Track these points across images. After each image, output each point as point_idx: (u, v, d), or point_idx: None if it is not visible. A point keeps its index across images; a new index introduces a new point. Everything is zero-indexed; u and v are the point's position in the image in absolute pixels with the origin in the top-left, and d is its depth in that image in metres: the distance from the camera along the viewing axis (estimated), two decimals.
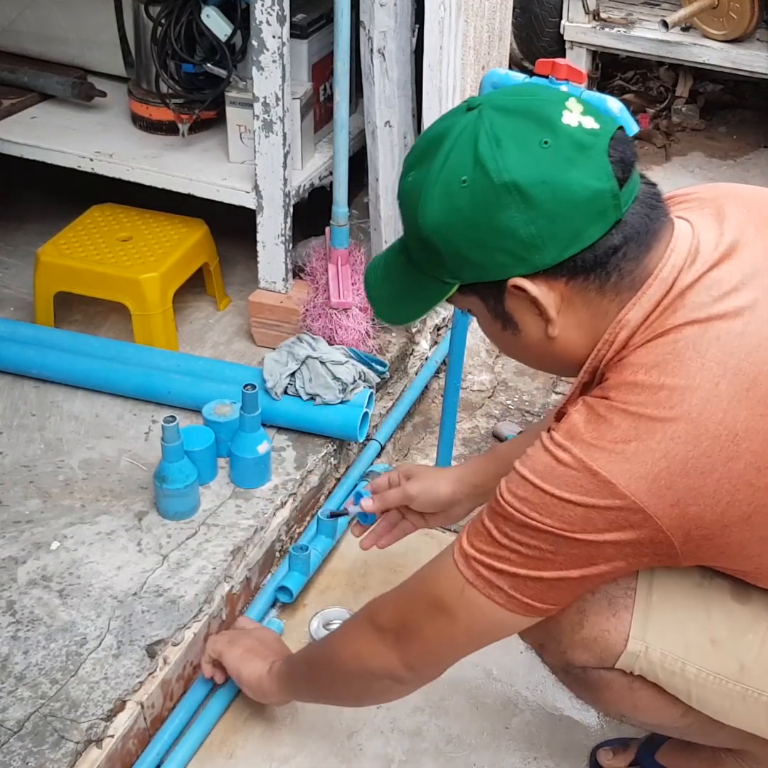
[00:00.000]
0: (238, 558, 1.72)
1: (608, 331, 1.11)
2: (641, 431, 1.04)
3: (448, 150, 1.08)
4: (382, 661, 1.29)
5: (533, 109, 1.07)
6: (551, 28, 3.53)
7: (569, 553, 1.09)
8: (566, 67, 1.59)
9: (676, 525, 1.05)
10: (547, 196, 1.04)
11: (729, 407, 1.03)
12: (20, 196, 2.72)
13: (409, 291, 1.18)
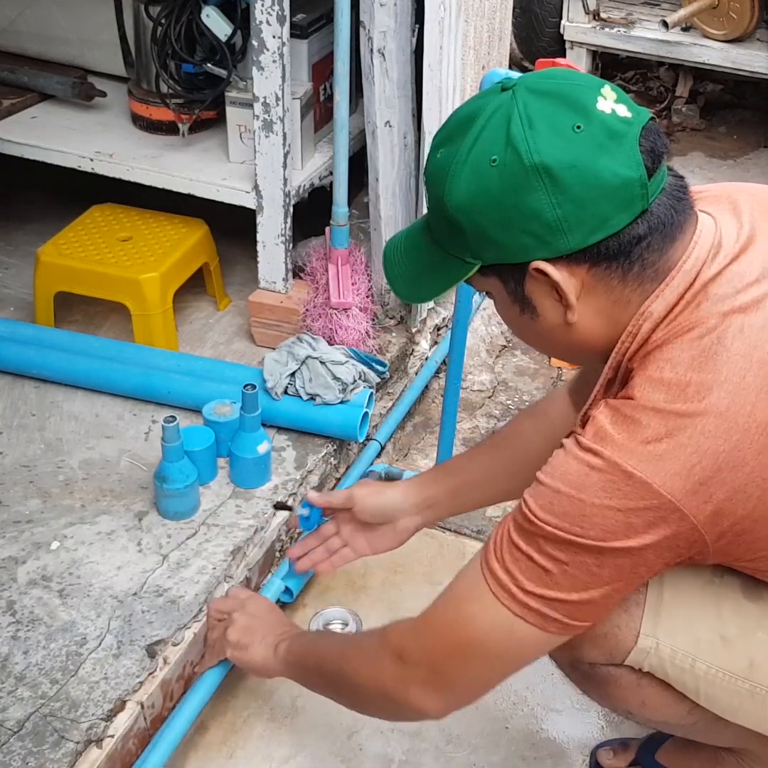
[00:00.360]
0: (238, 558, 1.72)
1: (631, 322, 1.10)
2: (671, 428, 1.03)
3: (480, 129, 1.07)
4: (410, 698, 1.23)
5: (568, 93, 1.06)
6: (551, 28, 3.53)
7: (614, 564, 1.07)
8: (566, 67, 1.59)
9: (709, 522, 1.04)
10: (576, 181, 1.03)
11: (757, 399, 1.03)
12: (20, 196, 2.72)
13: (429, 269, 1.17)
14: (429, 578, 1.87)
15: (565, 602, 1.09)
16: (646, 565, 1.08)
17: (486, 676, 1.20)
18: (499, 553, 1.13)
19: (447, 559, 1.92)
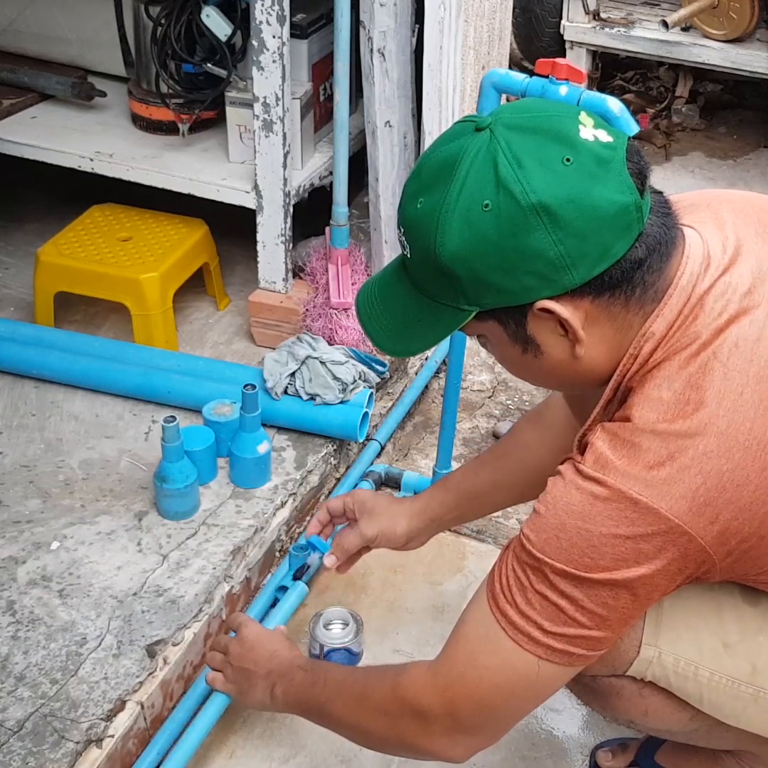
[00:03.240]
0: (238, 558, 1.72)
1: (633, 345, 1.09)
2: (672, 450, 1.02)
3: (464, 174, 1.04)
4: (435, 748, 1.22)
5: (549, 126, 1.04)
6: (551, 28, 3.53)
7: (629, 595, 1.06)
8: (566, 67, 1.59)
9: (717, 542, 1.04)
10: (575, 215, 1.01)
11: (756, 416, 1.02)
12: (20, 196, 2.72)
13: (416, 321, 1.13)
14: (429, 578, 1.87)
15: (586, 638, 1.09)
16: (659, 590, 1.07)
17: (513, 717, 1.21)
18: (508, 594, 1.11)
19: (447, 559, 1.92)
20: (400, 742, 1.25)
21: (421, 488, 1.93)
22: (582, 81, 1.61)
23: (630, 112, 1.55)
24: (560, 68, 1.59)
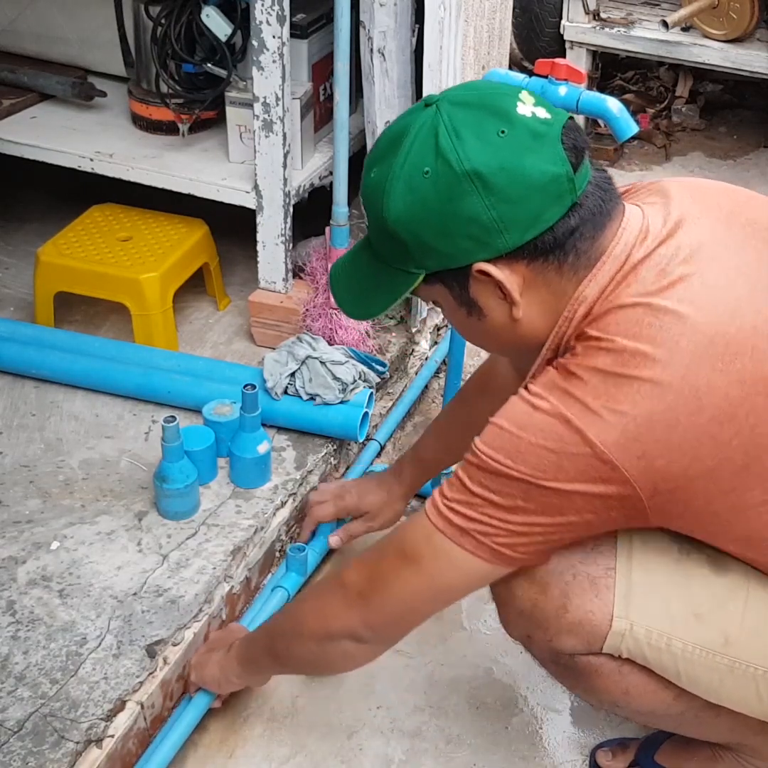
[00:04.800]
0: (238, 558, 1.72)
1: (567, 308, 1.16)
2: (609, 386, 1.09)
3: (409, 145, 1.14)
4: (342, 621, 1.30)
5: (489, 102, 1.14)
6: (551, 28, 3.53)
7: (540, 501, 1.12)
8: (566, 67, 1.59)
9: (643, 478, 1.08)
10: (506, 182, 1.10)
11: (691, 363, 1.07)
12: (20, 196, 2.72)
13: (375, 285, 1.23)
14: None
15: (485, 522, 1.15)
16: (575, 510, 1.12)
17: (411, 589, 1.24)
18: (443, 484, 1.21)
19: None
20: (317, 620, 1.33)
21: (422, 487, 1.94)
22: (581, 81, 1.61)
23: (630, 112, 1.56)
24: (559, 68, 1.59)
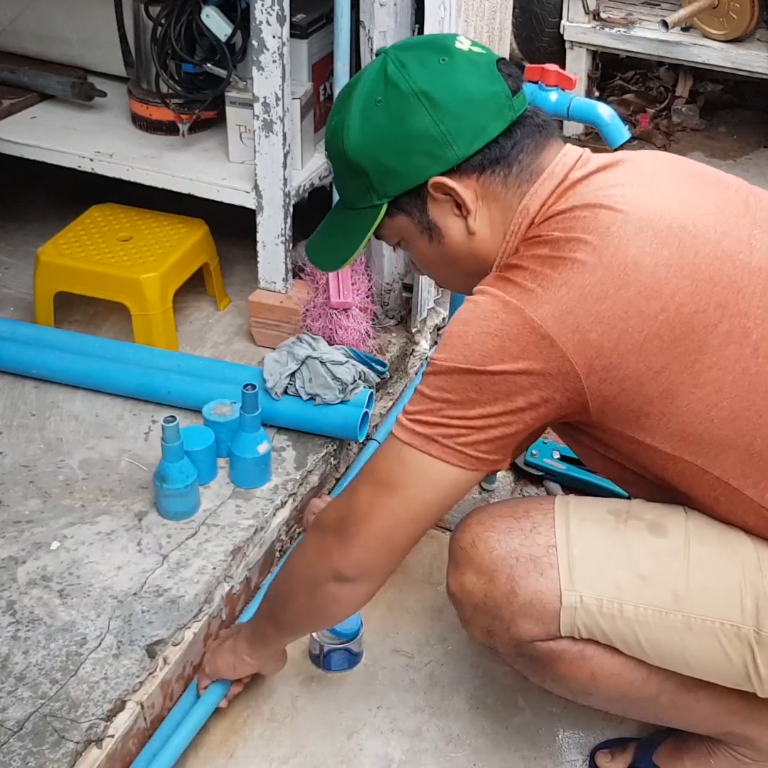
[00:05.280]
0: (238, 558, 1.72)
1: (513, 222, 1.26)
2: (546, 266, 1.17)
3: (362, 85, 1.27)
4: (324, 563, 1.30)
5: (430, 41, 1.31)
6: (551, 28, 3.53)
7: (490, 390, 1.17)
8: (555, 73, 1.59)
9: (578, 352, 1.15)
10: (450, 98, 1.23)
11: (620, 243, 1.16)
12: (20, 196, 2.72)
13: (344, 231, 1.34)
14: (429, 578, 1.88)
15: (445, 425, 1.20)
16: (522, 393, 1.17)
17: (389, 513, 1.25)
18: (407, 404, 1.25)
19: (447, 558, 1.91)
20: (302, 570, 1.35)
21: None
22: (571, 87, 1.62)
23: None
24: (549, 74, 1.59)
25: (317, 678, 1.69)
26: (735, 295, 1.16)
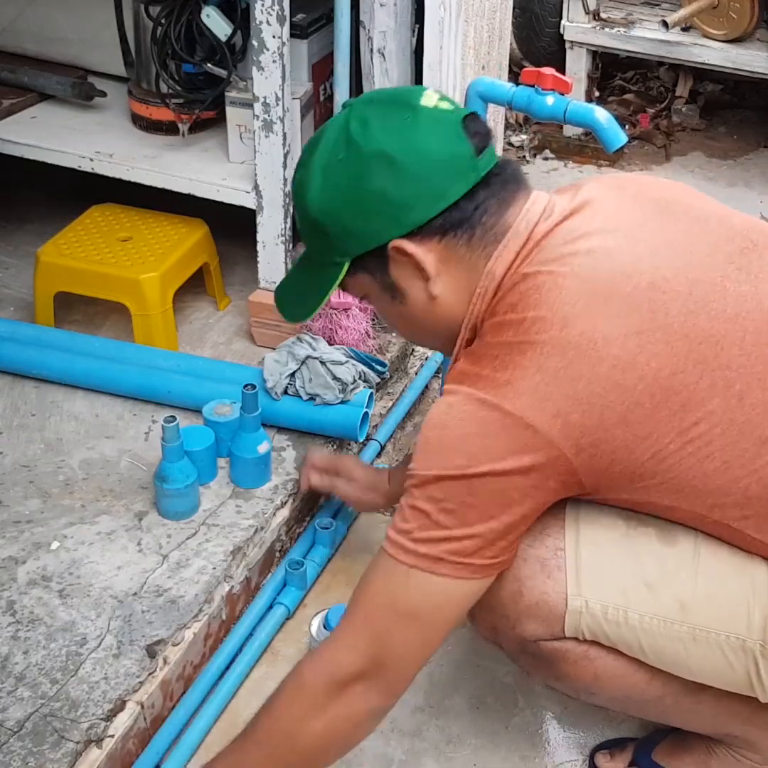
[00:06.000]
0: (238, 558, 1.72)
1: (479, 285, 1.23)
2: (515, 354, 1.14)
3: (325, 141, 1.25)
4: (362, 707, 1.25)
5: (395, 96, 1.27)
6: (551, 28, 3.52)
7: (484, 491, 1.14)
8: (552, 77, 1.59)
9: (563, 436, 1.12)
10: (411, 160, 1.19)
11: (588, 319, 1.13)
12: (20, 196, 2.72)
13: (308, 285, 1.32)
14: None
15: (449, 539, 1.15)
16: (517, 488, 1.14)
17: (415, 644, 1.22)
18: (393, 520, 1.21)
19: None
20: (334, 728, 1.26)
21: None
22: (568, 91, 1.61)
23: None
24: (546, 78, 1.58)
25: None
26: (713, 347, 1.14)
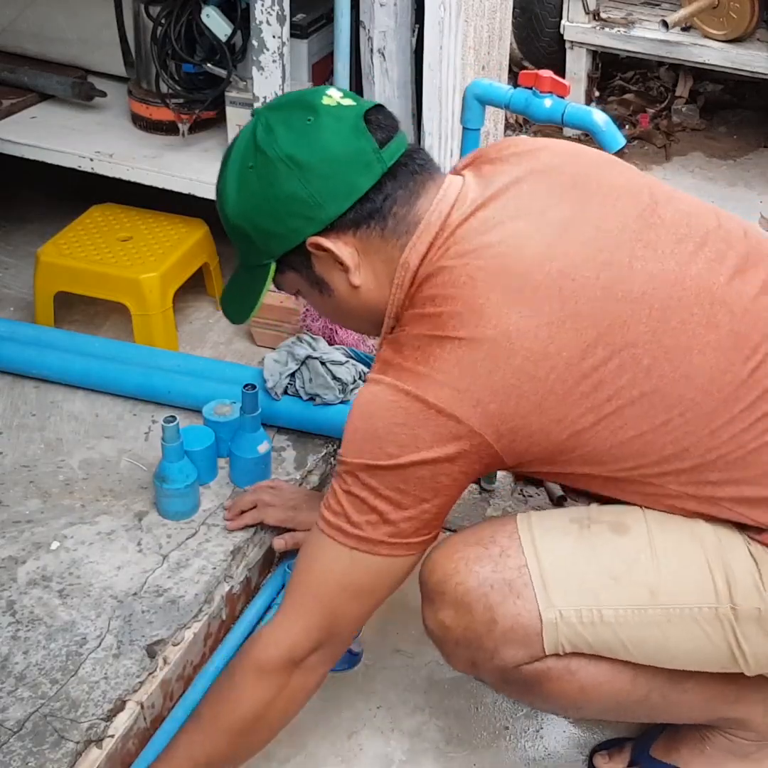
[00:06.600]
0: (238, 558, 1.72)
1: (396, 275, 1.27)
2: (435, 347, 1.18)
3: (236, 150, 1.32)
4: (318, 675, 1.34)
5: (297, 100, 1.31)
6: (551, 28, 3.52)
7: (416, 479, 1.20)
8: (550, 80, 1.59)
9: (483, 424, 1.18)
10: (315, 159, 1.24)
11: (501, 313, 1.17)
12: (20, 196, 2.72)
13: (244, 289, 1.38)
14: None
15: (388, 523, 1.22)
16: (446, 474, 1.21)
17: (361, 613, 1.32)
18: (326, 502, 1.27)
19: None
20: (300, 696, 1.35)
21: None
22: (565, 94, 1.61)
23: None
24: (544, 81, 1.58)
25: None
26: (620, 329, 1.19)
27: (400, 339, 1.23)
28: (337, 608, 1.29)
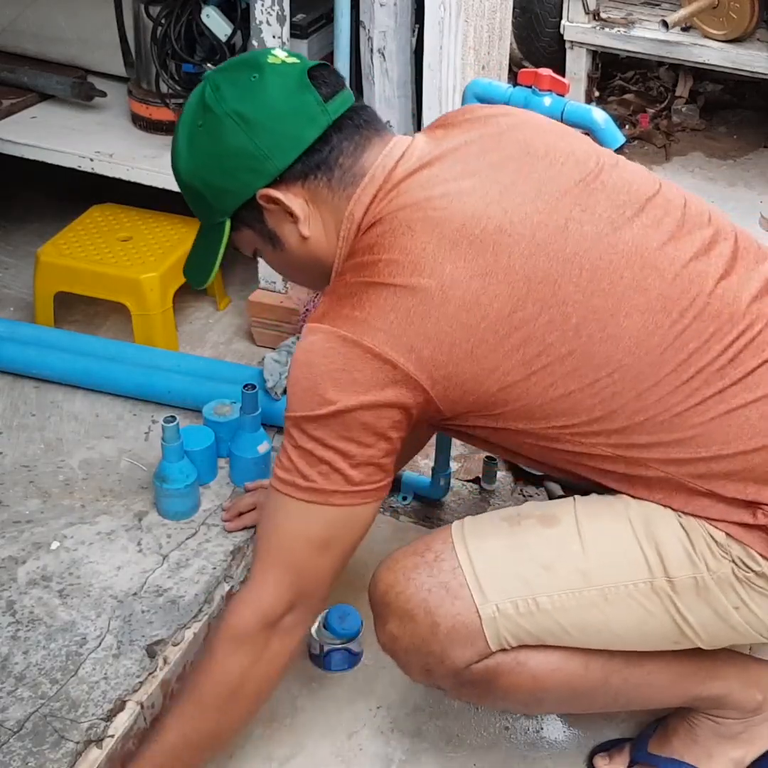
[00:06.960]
0: (238, 558, 1.72)
1: (342, 227, 1.29)
2: (371, 293, 1.21)
3: (186, 112, 1.33)
4: (296, 635, 1.34)
5: (244, 60, 1.34)
6: (551, 28, 3.52)
7: (358, 424, 1.21)
8: (549, 78, 1.59)
9: (419, 368, 1.20)
10: (261, 113, 1.26)
11: (435, 263, 1.20)
12: (20, 196, 2.72)
13: (204, 248, 1.39)
14: None
15: (338, 472, 1.23)
16: (386, 418, 1.22)
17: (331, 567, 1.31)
18: (278, 461, 1.28)
19: None
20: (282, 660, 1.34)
21: (421, 488, 1.93)
22: (565, 92, 1.61)
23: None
24: (543, 79, 1.58)
25: (317, 678, 1.69)
26: (551, 287, 1.21)
27: (338, 288, 1.26)
28: (303, 564, 1.29)
